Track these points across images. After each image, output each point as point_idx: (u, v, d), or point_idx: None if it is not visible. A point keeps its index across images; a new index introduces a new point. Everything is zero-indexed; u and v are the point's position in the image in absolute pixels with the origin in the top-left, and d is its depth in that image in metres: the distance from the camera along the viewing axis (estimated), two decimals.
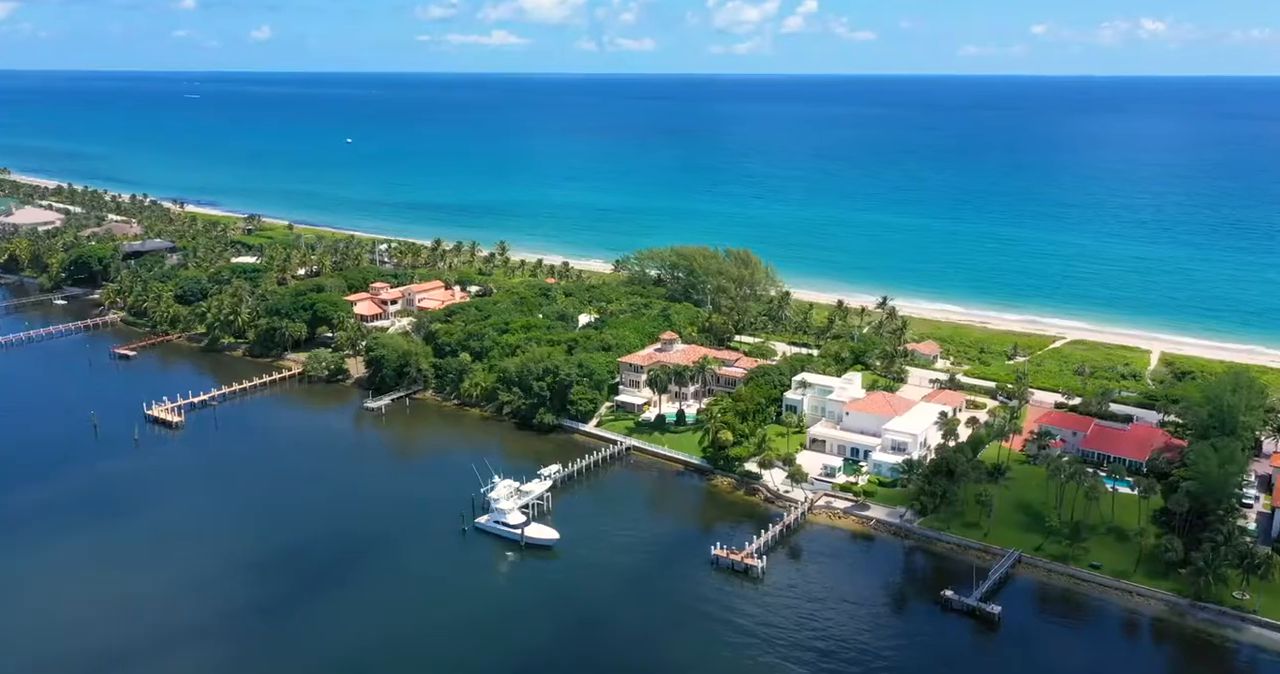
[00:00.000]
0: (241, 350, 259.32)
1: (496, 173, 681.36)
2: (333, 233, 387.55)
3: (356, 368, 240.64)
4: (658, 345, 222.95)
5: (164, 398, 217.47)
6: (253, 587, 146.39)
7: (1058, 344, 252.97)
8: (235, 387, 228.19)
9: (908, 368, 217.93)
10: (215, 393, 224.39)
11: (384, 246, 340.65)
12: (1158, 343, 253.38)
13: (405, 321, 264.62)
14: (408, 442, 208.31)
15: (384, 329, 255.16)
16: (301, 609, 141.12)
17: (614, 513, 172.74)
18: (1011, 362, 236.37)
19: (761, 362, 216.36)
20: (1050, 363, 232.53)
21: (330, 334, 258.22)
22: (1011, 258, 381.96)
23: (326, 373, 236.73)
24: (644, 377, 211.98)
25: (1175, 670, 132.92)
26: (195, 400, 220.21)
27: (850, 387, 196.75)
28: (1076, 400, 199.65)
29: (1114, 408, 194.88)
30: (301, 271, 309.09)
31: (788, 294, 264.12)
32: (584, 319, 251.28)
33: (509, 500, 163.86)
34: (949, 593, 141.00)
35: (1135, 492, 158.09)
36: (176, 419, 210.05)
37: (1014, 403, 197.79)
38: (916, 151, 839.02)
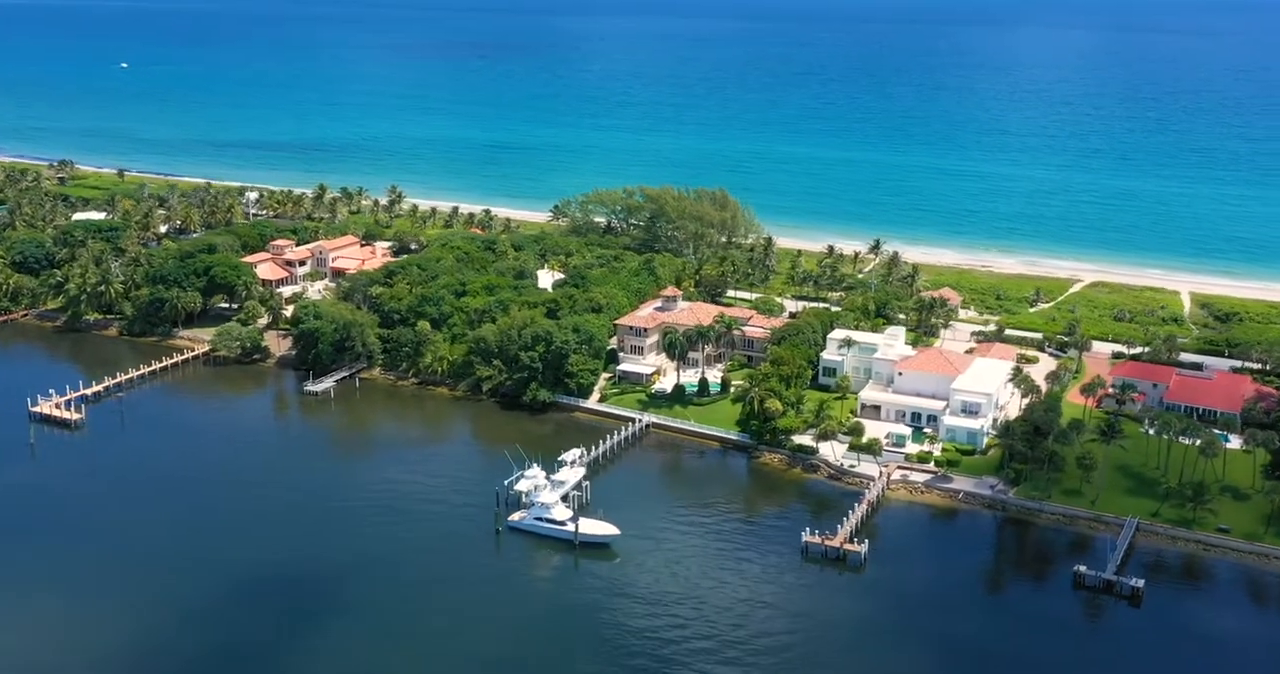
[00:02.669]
0: (115, 328, 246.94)
1: (327, 104, 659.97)
2: (168, 180, 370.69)
3: (276, 344, 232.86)
4: (657, 303, 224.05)
5: (50, 391, 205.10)
6: (219, 626, 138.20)
7: (1077, 287, 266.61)
8: (133, 373, 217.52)
9: (952, 321, 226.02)
10: (110, 382, 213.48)
11: (253, 195, 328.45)
12: (1182, 283, 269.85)
13: (320, 285, 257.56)
14: (374, 431, 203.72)
15: (299, 296, 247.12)
16: (293, 653, 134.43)
17: (660, 501, 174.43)
18: (1035, 309, 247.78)
19: (780, 320, 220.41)
20: (1082, 308, 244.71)
21: (227, 305, 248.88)
22: (974, 195, 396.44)
23: (240, 351, 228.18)
24: (650, 341, 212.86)
25: None
26: (90, 392, 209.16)
27: (896, 343, 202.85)
28: (1138, 349, 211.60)
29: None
30: (164, 229, 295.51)
31: (770, 240, 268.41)
32: (545, 277, 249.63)
33: (550, 492, 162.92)
34: (1082, 568, 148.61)
35: (1245, 446, 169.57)
36: (74, 416, 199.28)
37: (1075, 355, 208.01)
38: (815, 73, 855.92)
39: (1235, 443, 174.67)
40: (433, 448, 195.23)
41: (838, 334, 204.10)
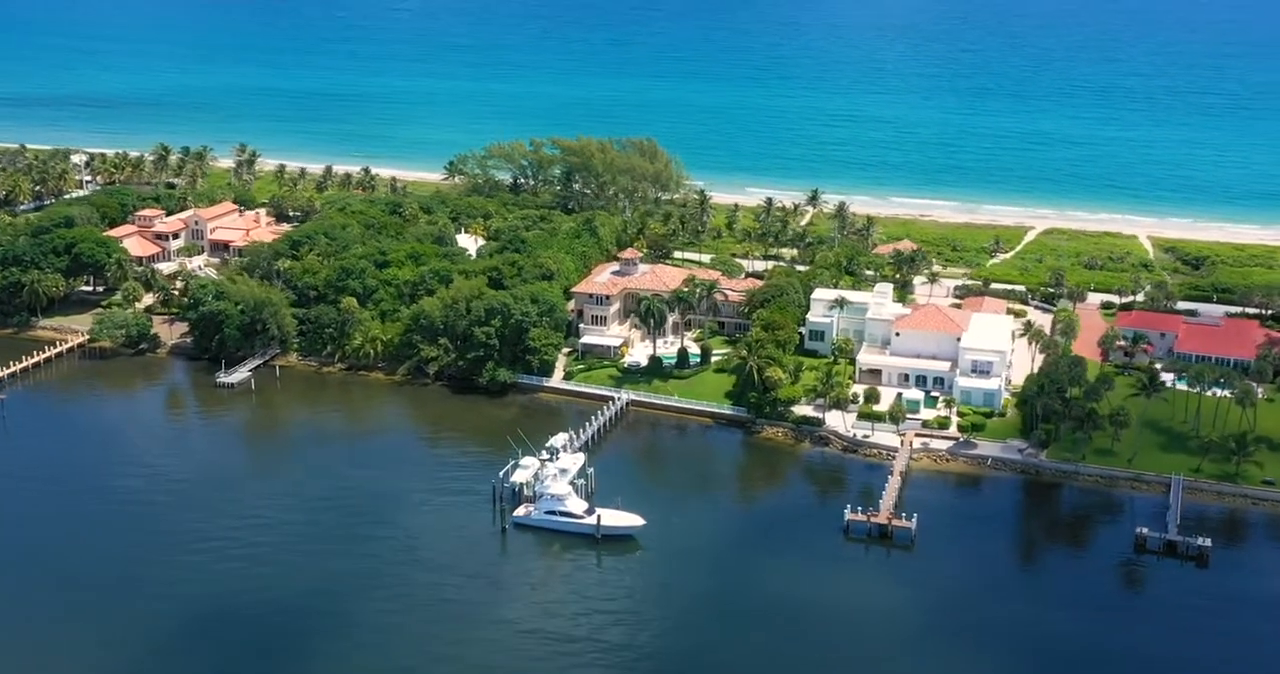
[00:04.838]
0: None
1: (85, 52, 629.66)
2: None
3: (165, 331, 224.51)
4: (614, 267, 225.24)
5: None
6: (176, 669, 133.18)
7: (1031, 235, 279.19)
8: (3, 371, 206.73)
9: (933, 277, 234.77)
10: None
11: (80, 159, 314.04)
12: (1138, 227, 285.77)
13: (200, 261, 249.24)
14: (315, 425, 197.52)
15: (180, 273, 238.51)
16: None
17: (668, 485, 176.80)
18: (997, 259, 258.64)
19: (747, 281, 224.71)
20: (1048, 258, 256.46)
21: (90, 288, 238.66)
22: (880, 143, 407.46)
23: (125, 340, 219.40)
24: (613, 309, 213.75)
25: None
26: None
27: (886, 302, 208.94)
28: (1130, 298, 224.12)
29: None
30: None
31: (704, 194, 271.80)
32: (467, 242, 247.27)
33: (561, 483, 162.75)
34: (1144, 530, 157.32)
35: (1266, 395, 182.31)
36: None
37: (1069, 306, 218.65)
38: (656, 7, 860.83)
39: (1259, 392, 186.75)
40: (393, 441, 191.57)
41: (826, 294, 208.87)
